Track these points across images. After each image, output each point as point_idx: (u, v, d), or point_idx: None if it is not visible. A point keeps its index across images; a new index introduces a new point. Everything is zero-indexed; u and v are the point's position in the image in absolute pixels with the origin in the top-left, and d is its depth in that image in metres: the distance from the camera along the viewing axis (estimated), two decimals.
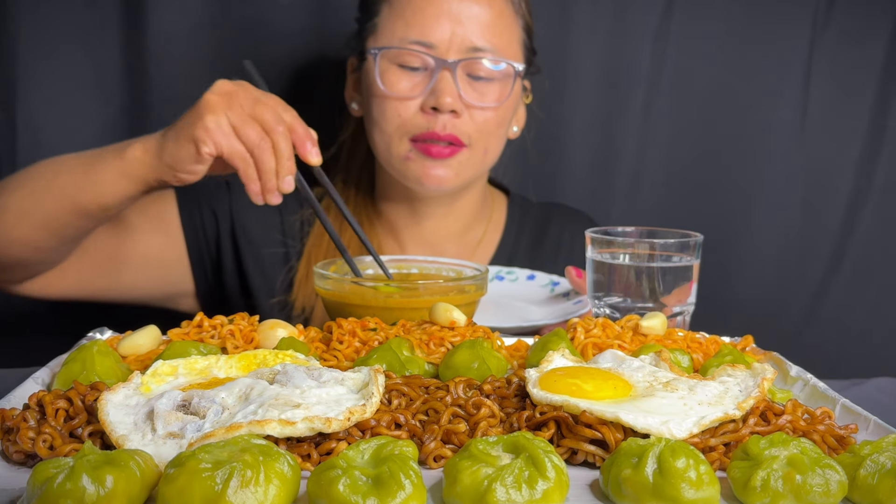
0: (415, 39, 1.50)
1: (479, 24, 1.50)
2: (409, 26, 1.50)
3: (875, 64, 1.98)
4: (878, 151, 2.01)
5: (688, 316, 1.30)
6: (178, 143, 1.26)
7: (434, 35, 1.49)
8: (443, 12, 1.49)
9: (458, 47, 1.50)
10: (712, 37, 1.97)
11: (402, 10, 1.51)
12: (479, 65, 1.51)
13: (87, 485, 0.68)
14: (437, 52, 1.49)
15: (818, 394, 1.04)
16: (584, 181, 1.99)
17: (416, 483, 0.71)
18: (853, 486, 0.76)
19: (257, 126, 1.25)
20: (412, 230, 1.70)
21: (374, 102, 1.55)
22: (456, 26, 1.49)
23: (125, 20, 1.81)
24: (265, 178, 1.26)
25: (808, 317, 2.05)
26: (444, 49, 1.49)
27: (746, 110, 2.00)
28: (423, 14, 1.50)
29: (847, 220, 2.04)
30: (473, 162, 1.57)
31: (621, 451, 0.76)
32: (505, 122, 1.59)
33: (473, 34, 1.50)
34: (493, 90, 1.54)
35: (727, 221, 2.01)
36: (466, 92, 1.51)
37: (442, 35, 1.49)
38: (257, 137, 1.24)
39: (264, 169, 1.25)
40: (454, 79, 1.49)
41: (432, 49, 1.50)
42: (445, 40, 1.49)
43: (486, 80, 1.53)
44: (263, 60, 1.86)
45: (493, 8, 1.53)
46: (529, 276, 1.56)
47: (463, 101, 1.51)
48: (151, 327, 1.11)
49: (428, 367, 1.07)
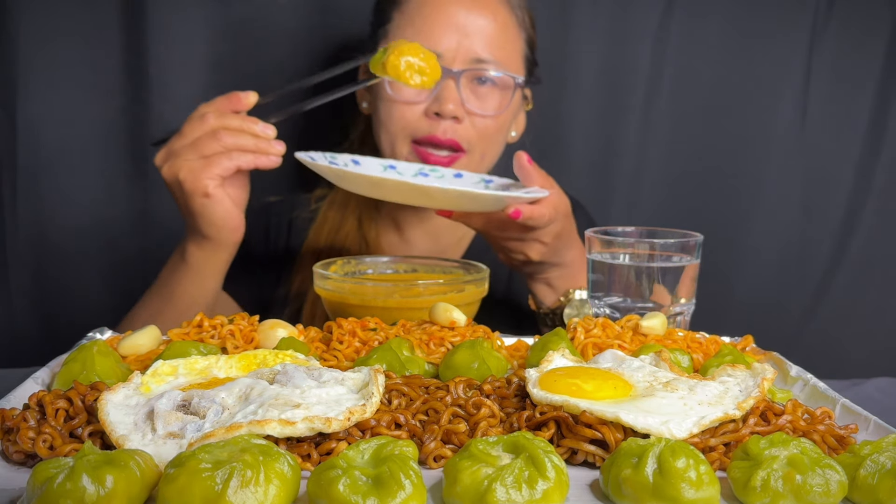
0: None
1: (483, 36, 1.56)
2: (419, 34, 1.55)
3: (875, 64, 1.98)
4: (878, 151, 2.01)
5: (688, 316, 1.30)
6: (193, 212, 1.35)
7: (441, 45, 1.54)
8: (451, 24, 1.55)
9: (464, 58, 1.56)
10: (712, 37, 1.97)
11: (412, 19, 1.57)
12: (481, 75, 1.57)
13: (87, 485, 0.68)
14: (443, 62, 1.54)
15: (818, 394, 1.04)
16: (584, 181, 1.99)
17: (416, 483, 0.71)
18: (853, 486, 0.76)
19: (203, 138, 1.33)
20: (415, 224, 1.72)
21: (382, 105, 1.60)
22: (462, 38, 1.55)
23: (125, 20, 1.81)
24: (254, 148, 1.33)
25: (808, 317, 2.05)
26: (449, 58, 1.55)
27: (746, 110, 2.00)
28: (431, 24, 1.55)
29: (847, 220, 2.03)
30: (471, 167, 1.61)
31: (621, 451, 0.76)
32: (504, 129, 1.65)
33: (478, 46, 1.56)
34: (494, 99, 1.59)
35: (727, 221, 2.01)
36: (469, 100, 1.57)
37: (449, 45, 1.55)
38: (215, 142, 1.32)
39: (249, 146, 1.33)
40: (458, 87, 1.55)
41: (439, 58, 1.53)
42: (452, 50, 1.55)
43: (488, 90, 1.59)
44: (263, 60, 1.87)
45: (498, 21, 1.59)
46: (456, 174, 1.53)
47: (465, 108, 1.56)
48: (151, 327, 1.11)
49: (428, 367, 1.07)
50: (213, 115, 1.33)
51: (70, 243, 1.85)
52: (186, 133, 1.33)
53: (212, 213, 1.35)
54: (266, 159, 1.35)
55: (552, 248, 1.40)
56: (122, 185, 1.86)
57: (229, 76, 1.86)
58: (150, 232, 1.87)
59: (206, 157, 1.32)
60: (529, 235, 1.38)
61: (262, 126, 1.34)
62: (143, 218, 1.87)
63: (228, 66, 1.86)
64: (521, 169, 1.36)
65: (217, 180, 1.33)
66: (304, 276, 1.66)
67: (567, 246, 1.43)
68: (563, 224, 1.40)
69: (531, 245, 1.39)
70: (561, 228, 1.39)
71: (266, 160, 1.35)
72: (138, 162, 1.85)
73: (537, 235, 1.38)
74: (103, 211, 1.86)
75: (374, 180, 1.30)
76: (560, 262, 1.44)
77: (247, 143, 1.33)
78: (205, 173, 1.32)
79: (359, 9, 1.85)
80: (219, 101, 1.35)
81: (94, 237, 1.86)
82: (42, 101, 1.79)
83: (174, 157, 1.33)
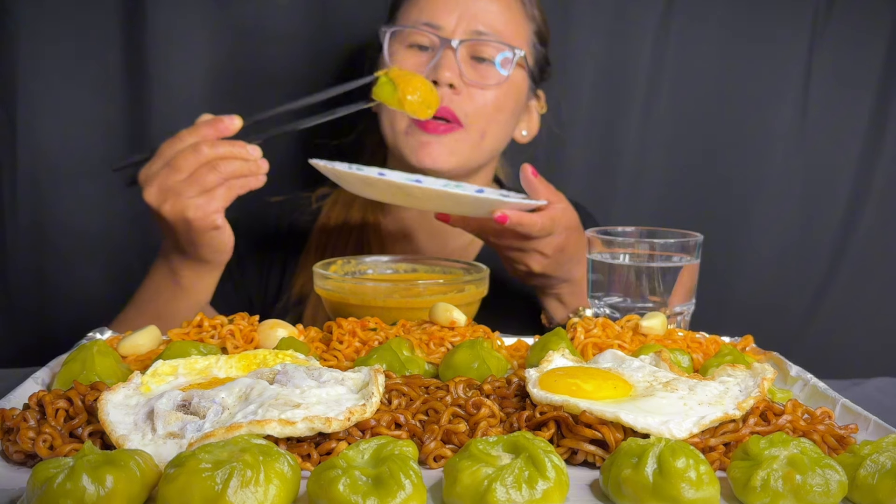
0: (424, 21, 1.58)
1: (486, 13, 1.59)
2: (422, 12, 1.59)
3: (875, 64, 1.98)
4: (878, 151, 2.01)
5: (688, 316, 1.30)
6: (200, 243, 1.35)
7: (441, 18, 1.57)
8: (453, 1, 1.58)
9: (464, 30, 1.57)
10: (712, 37, 1.97)
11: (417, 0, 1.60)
12: (480, 47, 1.58)
13: (87, 485, 0.68)
14: (443, 34, 1.56)
15: (818, 394, 1.04)
16: (584, 181, 1.99)
17: (416, 483, 0.71)
18: (853, 486, 0.76)
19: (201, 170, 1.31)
20: (418, 219, 1.71)
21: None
22: (464, 12, 1.58)
23: (125, 20, 1.81)
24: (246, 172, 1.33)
25: (808, 317, 2.05)
26: (449, 31, 1.57)
27: (746, 110, 2.00)
28: (435, 2, 1.59)
29: (847, 220, 2.03)
30: (469, 144, 1.59)
31: (621, 451, 0.76)
32: (505, 108, 1.62)
33: (480, 21, 1.58)
34: (493, 72, 1.59)
35: (727, 221, 2.01)
36: (467, 71, 1.57)
37: (449, 19, 1.57)
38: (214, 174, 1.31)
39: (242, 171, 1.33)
40: (456, 57, 1.56)
41: (439, 30, 1.57)
42: (452, 24, 1.57)
43: (488, 63, 1.59)
44: (263, 60, 1.87)
45: (503, 2, 1.61)
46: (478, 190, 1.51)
47: (463, 79, 1.56)
48: (151, 327, 1.11)
49: (428, 367, 1.07)
50: (206, 145, 1.31)
51: (70, 243, 1.85)
52: (180, 166, 1.30)
53: (218, 242, 1.37)
54: (255, 180, 1.35)
55: (555, 261, 1.40)
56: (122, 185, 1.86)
57: (229, 76, 1.86)
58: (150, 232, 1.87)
59: (207, 191, 1.31)
60: (528, 245, 1.37)
61: (251, 149, 1.34)
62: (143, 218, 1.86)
63: (228, 65, 1.86)
64: (526, 181, 1.37)
65: (222, 212, 1.34)
66: (306, 279, 1.66)
67: (576, 261, 1.42)
68: (568, 238, 1.39)
69: (531, 256, 1.39)
70: (564, 242, 1.38)
71: (255, 181, 1.35)
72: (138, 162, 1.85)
73: (536, 246, 1.37)
74: (103, 211, 1.86)
75: (368, 180, 1.35)
76: (568, 277, 1.44)
77: (240, 169, 1.33)
78: (211, 208, 1.31)
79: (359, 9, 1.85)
80: (204, 129, 1.33)
81: (93, 237, 1.86)
82: (42, 101, 1.79)
83: (174, 195, 1.30)
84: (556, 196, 1.36)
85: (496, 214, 1.28)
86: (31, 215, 1.83)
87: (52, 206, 1.83)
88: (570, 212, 1.39)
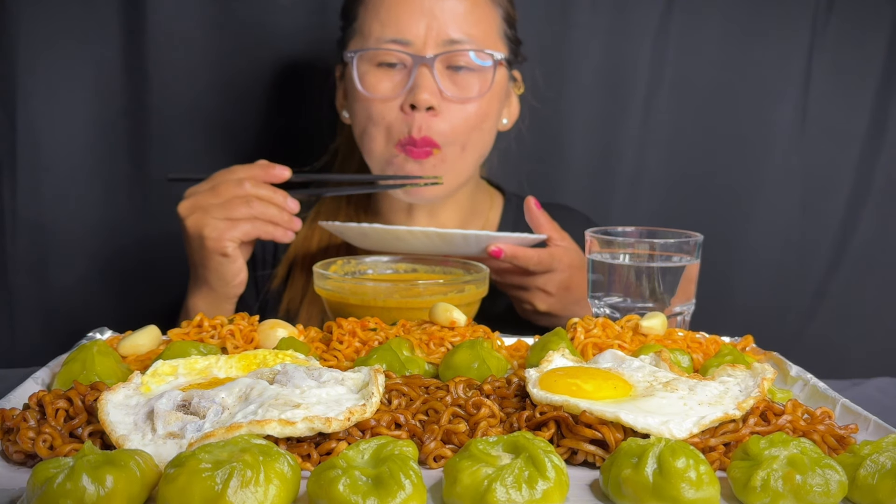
0: (390, 38, 1.49)
1: (453, 16, 1.49)
2: (385, 26, 1.49)
3: (875, 64, 1.98)
4: (878, 151, 2.01)
5: (688, 316, 1.30)
6: (208, 266, 1.40)
7: (409, 32, 1.48)
8: (416, 9, 1.48)
9: (435, 41, 1.48)
10: (712, 36, 1.97)
11: (376, 11, 1.51)
12: (457, 57, 1.49)
13: (87, 485, 0.68)
14: (413, 49, 1.48)
15: (818, 394, 1.04)
16: (584, 181, 1.99)
17: (416, 483, 0.71)
18: (853, 486, 0.76)
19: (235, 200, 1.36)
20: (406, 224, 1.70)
21: (358, 107, 1.54)
22: (431, 20, 1.48)
23: (125, 20, 1.80)
24: (278, 220, 1.38)
25: (808, 317, 2.05)
26: (420, 45, 1.48)
27: (746, 110, 2.00)
28: (396, 12, 1.49)
29: (847, 220, 2.03)
30: (451, 160, 1.53)
31: (621, 451, 0.76)
32: (490, 115, 1.56)
33: (449, 27, 1.49)
34: (474, 82, 1.51)
35: (727, 222, 2.01)
36: (447, 86, 1.49)
37: (417, 31, 1.48)
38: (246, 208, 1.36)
39: (273, 218, 1.37)
40: (433, 74, 1.48)
41: (409, 46, 1.48)
42: (421, 36, 1.48)
43: (466, 72, 1.51)
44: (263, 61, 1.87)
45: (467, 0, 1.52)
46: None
47: (444, 96, 1.49)
48: (151, 327, 1.11)
49: (428, 367, 1.07)
50: (250, 182, 1.36)
51: (70, 243, 1.85)
52: (221, 192, 1.36)
53: (225, 270, 1.39)
54: (283, 233, 1.39)
55: (560, 299, 1.39)
56: (122, 185, 1.86)
57: (229, 76, 1.86)
58: (150, 232, 1.87)
59: (232, 219, 1.36)
60: (529, 282, 1.37)
61: (290, 201, 1.38)
62: (143, 218, 1.87)
63: (229, 66, 1.86)
64: (529, 213, 1.36)
65: (237, 242, 1.37)
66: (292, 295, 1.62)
67: (584, 303, 1.36)
68: (572, 277, 1.38)
69: (535, 294, 1.38)
70: (569, 281, 1.38)
71: (282, 234, 1.39)
72: (138, 162, 1.85)
73: (537, 282, 1.36)
74: (103, 211, 1.86)
75: (363, 230, 1.41)
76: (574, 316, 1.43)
77: (272, 215, 1.38)
78: (227, 234, 1.36)
79: None
80: (255, 169, 1.39)
81: (94, 237, 1.86)
82: (42, 101, 1.79)
83: (202, 212, 1.36)
84: (558, 234, 1.36)
85: (491, 248, 1.28)
86: (31, 215, 1.83)
87: (52, 205, 1.83)
88: (574, 252, 1.37)
